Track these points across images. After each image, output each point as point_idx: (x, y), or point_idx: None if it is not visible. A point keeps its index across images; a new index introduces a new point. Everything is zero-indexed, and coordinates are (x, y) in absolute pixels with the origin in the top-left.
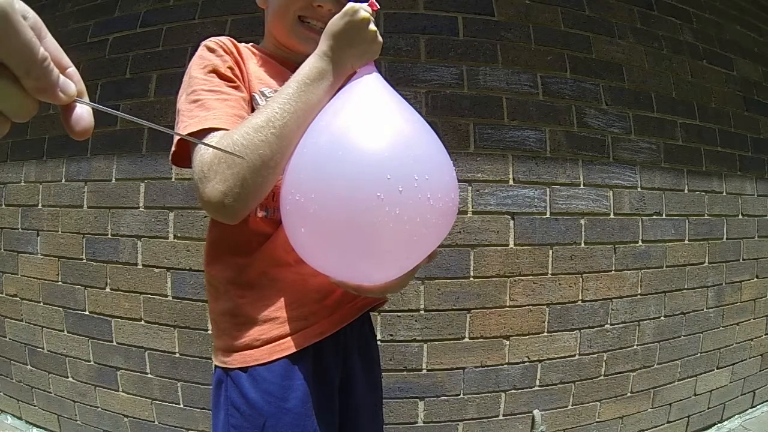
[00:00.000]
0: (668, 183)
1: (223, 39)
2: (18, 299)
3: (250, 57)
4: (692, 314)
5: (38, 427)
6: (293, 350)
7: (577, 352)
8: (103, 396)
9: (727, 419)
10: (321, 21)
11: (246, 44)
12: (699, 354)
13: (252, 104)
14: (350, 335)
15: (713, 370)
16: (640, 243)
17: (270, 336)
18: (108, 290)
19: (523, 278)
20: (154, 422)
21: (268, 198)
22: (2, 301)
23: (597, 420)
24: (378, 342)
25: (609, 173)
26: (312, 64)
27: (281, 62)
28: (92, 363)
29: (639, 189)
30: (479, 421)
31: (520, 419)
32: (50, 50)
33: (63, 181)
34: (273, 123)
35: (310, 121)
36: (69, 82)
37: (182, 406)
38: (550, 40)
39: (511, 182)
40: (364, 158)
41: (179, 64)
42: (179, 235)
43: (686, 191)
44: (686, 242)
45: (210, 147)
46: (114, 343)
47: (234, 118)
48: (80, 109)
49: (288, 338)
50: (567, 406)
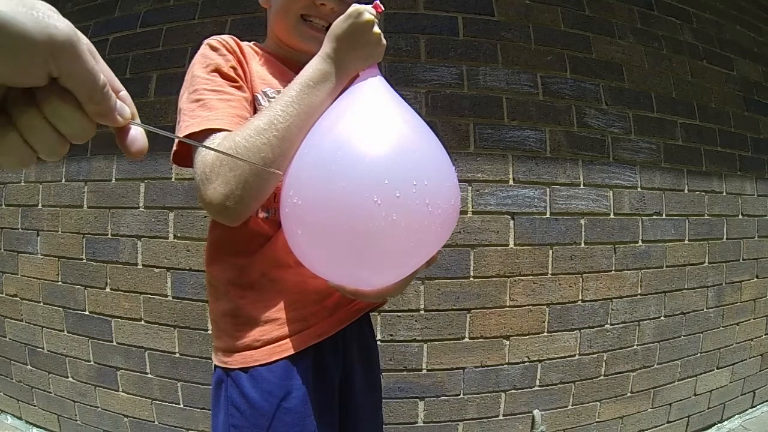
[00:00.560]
0: (668, 183)
1: (226, 38)
2: (18, 299)
3: (253, 56)
4: (692, 314)
5: (38, 427)
6: (293, 351)
7: (577, 352)
8: (103, 396)
9: (727, 419)
10: (324, 20)
11: (248, 43)
12: (699, 354)
13: (254, 104)
14: (350, 336)
15: (713, 370)
16: (640, 243)
17: (270, 337)
18: (108, 290)
19: (523, 278)
20: (154, 422)
21: (270, 199)
22: (2, 301)
23: (597, 420)
24: (378, 342)
25: (609, 173)
26: (315, 67)
27: (284, 61)
28: (92, 363)
29: (639, 189)
30: (479, 421)
31: (520, 419)
32: (105, 75)
33: (63, 181)
34: (275, 125)
35: (313, 124)
36: (125, 106)
37: (182, 406)
38: (550, 40)
39: (511, 182)
40: (362, 162)
41: (179, 64)
42: (179, 235)
43: (686, 191)
44: (686, 242)
45: (213, 151)
46: (114, 343)
47: (236, 119)
48: (135, 131)
49: (288, 339)
50: (567, 406)
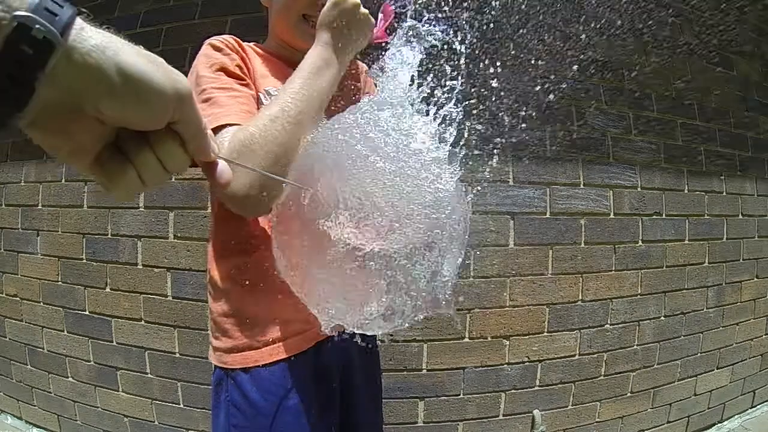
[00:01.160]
0: (668, 183)
1: (228, 38)
2: (18, 299)
3: (255, 56)
4: (692, 314)
5: (38, 427)
6: (294, 352)
7: (577, 352)
8: (103, 396)
9: (727, 419)
10: None
11: (249, 44)
12: (699, 354)
13: (258, 103)
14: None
15: (713, 370)
16: (640, 243)
17: (271, 337)
18: (108, 290)
19: (523, 278)
20: (154, 422)
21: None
22: (2, 301)
23: (597, 420)
24: (378, 342)
25: (609, 173)
26: (315, 54)
27: (285, 61)
28: (92, 363)
29: (639, 189)
30: (479, 421)
31: (520, 419)
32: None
33: (63, 181)
34: (287, 111)
35: (322, 108)
36: (214, 144)
37: (182, 406)
38: (551, 40)
39: (511, 182)
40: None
41: (179, 64)
42: (179, 235)
43: (686, 191)
44: (686, 242)
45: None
46: (114, 343)
47: (247, 115)
48: (222, 164)
49: (289, 340)
50: (567, 406)
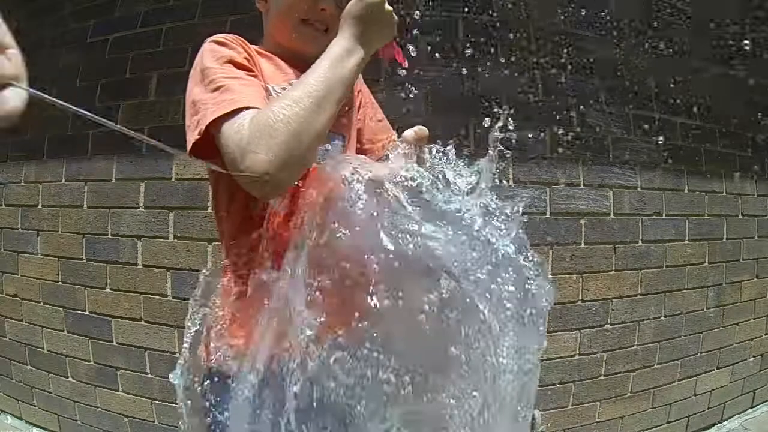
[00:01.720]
0: (668, 183)
1: (230, 36)
2: (18, 299)
3: (257, 55)
4: (692, 314)
5: (38, 427)
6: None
7: (577, 352)
8: (103, 396)
9: (727, 419)
10: (323, 23)
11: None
12: (699, 354)
13: (268, 96)
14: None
15: (713, 370)
16: (640, 243)
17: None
18: (108, 290)
19: None
20: (154, 422)
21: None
22: (2, 301)
23: (597, 420)
24: None
25: (609, 173)
26: (339, 44)
27: (285, 62)
28: (92, 363)
29: (639, 189)
30: None
31: None
32: None
33: (63, 181)
34: (311, 94)
35: (345, 96)
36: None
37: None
38: (550, 40)
39: (511, 182)
40: None
41: (179, 64)
42: (179, 235)
43: (686, 191)
44: (686, 242)
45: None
46: (114, 343)
47: (263, 101)
48: (8, 92)
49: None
50: (567, 406)
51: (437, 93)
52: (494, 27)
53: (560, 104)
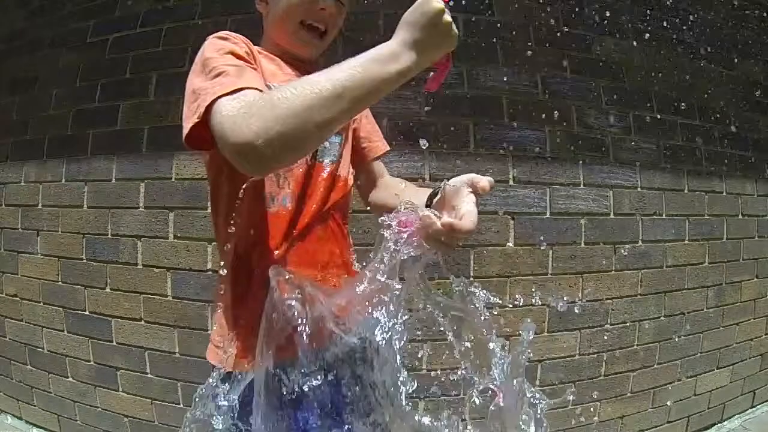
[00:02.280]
0: (668, 183)
1: (231, 32)
2: (18, 299)
3: (258, 54)
4: (692, 314)
5: (38, 427)
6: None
7: (577, 352)
8: (103, 396)
9: (727, 419)
10: (322, 23)
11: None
12: (699, 354)
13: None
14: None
15: (713, 370)
16: (640, 243)
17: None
18: (108, 290)
19: (523, 278)
20: (154, 422)
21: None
22: (2, 301)
23: (597, 420)
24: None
25: (609, 173)
26: (387, 46)
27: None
28: (92, 363)
29: (639, 189)
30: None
31: None
32: None
33: (63, 181)
34: (334, 81)
35: (372, 99)
36: None
37: (182, 406)
38: (550, 40)
39: (511, 182)
40: None
41: (179, 64)
42: (179, 235)
43: (686, 191)
44: (686, 242)
45: None
46: (114, 343)
47: (264, 88)
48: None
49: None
50: (567, 406)
51: (437, 93)
52: (494, 27)
53: (560, 104)
